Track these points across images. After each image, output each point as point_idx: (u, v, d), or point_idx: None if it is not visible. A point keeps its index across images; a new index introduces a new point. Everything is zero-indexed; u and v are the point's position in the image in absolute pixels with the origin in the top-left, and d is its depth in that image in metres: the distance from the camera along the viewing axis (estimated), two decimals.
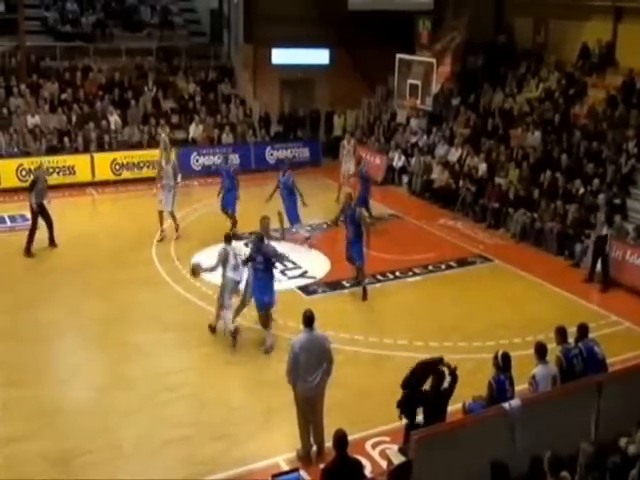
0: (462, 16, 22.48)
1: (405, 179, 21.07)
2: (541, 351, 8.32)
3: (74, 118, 21.17)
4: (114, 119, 21.45)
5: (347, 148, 20.20)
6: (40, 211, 15.30)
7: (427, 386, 7.87)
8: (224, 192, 16.31)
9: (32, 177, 15.89)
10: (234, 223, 16.11)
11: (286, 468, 7.99)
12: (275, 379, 10.30)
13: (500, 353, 8.20)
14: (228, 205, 16.26)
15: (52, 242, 15.44)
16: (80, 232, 16.54)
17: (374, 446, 8.83)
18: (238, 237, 16.05)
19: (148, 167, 20.70)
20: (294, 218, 15.94)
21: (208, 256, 14.91)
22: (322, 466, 7.06)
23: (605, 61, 19.86)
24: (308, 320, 8.44)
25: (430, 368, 7.86)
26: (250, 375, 10.47)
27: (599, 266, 14.24)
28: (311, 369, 8.34)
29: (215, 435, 9.01)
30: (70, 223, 16.92)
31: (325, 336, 8.67)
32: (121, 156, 20.63)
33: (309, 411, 8.54)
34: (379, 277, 14.27)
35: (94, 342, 11.57)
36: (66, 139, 20.40)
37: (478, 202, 18.16)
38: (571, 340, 8.80)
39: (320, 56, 24.72)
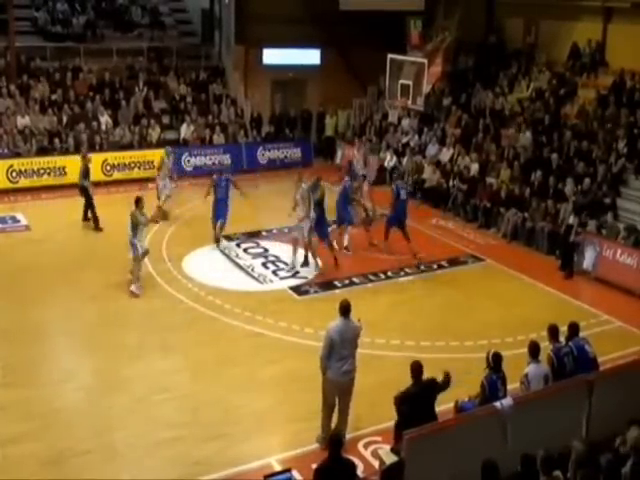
0: (453, 16, 22.53)
1: None
2: (534, 350, 8.34)
3: (64, 119, 21.06)
4: (105, 120, 21.37)
5: (357, 157, 20.17)
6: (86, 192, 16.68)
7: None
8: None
9: (81, 163, 16.97)
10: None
11: (278, 468, 7.99)
12: (268, 380, 10.35)
13: (491, 353, 8.22)
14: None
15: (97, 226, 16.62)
16: (71, 234, 16.47)
17: (366, 446, 8.84)
18: (229, 238, 16.10)
19: (139, 168, 20.68)
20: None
21: (200, 256, 15.01)
22: (314, 466, 7.07)
23: (595, 61, 19.98)
24: (344, 309, 8.64)
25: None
26: (243, 376, 10.45)
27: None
28: (344, 356, 8.56)
29: (208, 436, 9.00)
30: (61, 224, 16.87)
31: (358, 326, 8.77)
32: (112, 157, 20.53)
33: (338, 398, 8.70)
34: (371, 277, 14.28)
35: (87, 343, 11.53)
36: (57, 140, 20.31)
37: (469, 202, 18.21)
38: (562, 339, 8.83)
39: (311, 56, 24.69)
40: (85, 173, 16.78)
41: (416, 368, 7.86)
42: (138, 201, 13.28)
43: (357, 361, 8.73)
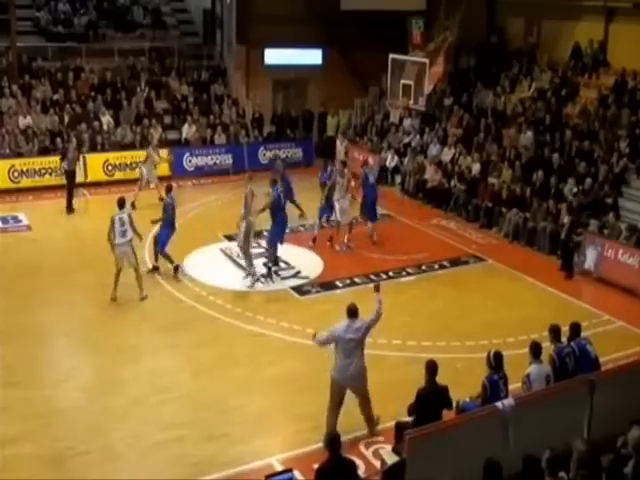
0: (454, 16, 22.50)
1: (398, 179, 21.08)
2: (536, 350, 8.31)
3: (66, 119, 21.06)
4: (106, 120, 21.37)
5: (339, 149, 20.24)
6: (68, 177, 17.99)
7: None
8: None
9: (62, 148, 19.00)
10: None
11: (280, 468, 7.97)
12: (269, 380, 10.33)
13: (492, 352, 8.20)
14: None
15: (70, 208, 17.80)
16: (72, 233, 16.50)
17: (368, 446, 8.82)
18: (230, 238, 16.08)
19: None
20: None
21: (201, 256, 14.99)
22: (316, 466, 7.05)
23: (597, 61, 19.94)
24: (351, 312, 8.75)
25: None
26: (244, 376, 10.44)
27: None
28: (347, 356, 8.62)
29: (209, 436, 8.99)
30: (62, 224, 16.88)
31: (364, 322, 8.82)
32: (113, 157, 20.55)
33: (352, 394, 8.80)
34: (372, 277, 14.25)
35: (87, 344, 11.52)
36: (58, 140, 20.30)
37: (471, 202, 18.18)
38: (564, 339, 8.81)
39: (313, 56, 24.67)
40: (64, 156, 18.23)
41: (431, 366, 7.94)
42: (121, 202, 12.97)
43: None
